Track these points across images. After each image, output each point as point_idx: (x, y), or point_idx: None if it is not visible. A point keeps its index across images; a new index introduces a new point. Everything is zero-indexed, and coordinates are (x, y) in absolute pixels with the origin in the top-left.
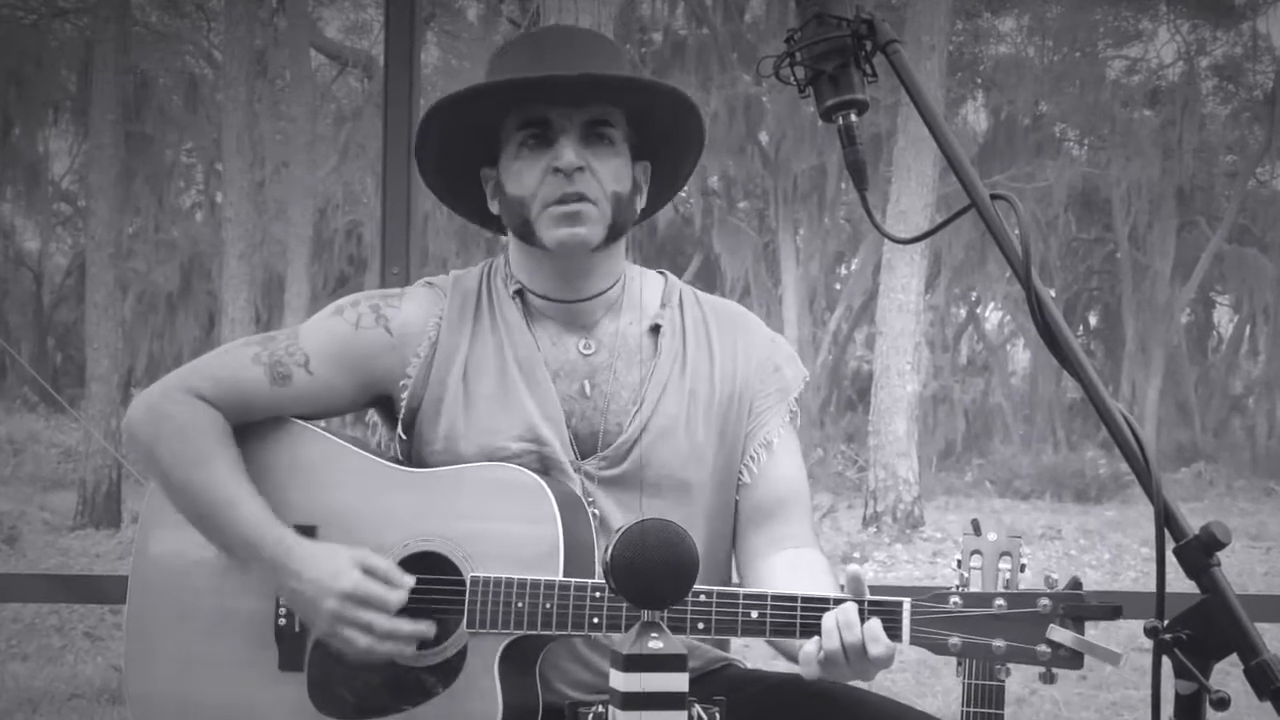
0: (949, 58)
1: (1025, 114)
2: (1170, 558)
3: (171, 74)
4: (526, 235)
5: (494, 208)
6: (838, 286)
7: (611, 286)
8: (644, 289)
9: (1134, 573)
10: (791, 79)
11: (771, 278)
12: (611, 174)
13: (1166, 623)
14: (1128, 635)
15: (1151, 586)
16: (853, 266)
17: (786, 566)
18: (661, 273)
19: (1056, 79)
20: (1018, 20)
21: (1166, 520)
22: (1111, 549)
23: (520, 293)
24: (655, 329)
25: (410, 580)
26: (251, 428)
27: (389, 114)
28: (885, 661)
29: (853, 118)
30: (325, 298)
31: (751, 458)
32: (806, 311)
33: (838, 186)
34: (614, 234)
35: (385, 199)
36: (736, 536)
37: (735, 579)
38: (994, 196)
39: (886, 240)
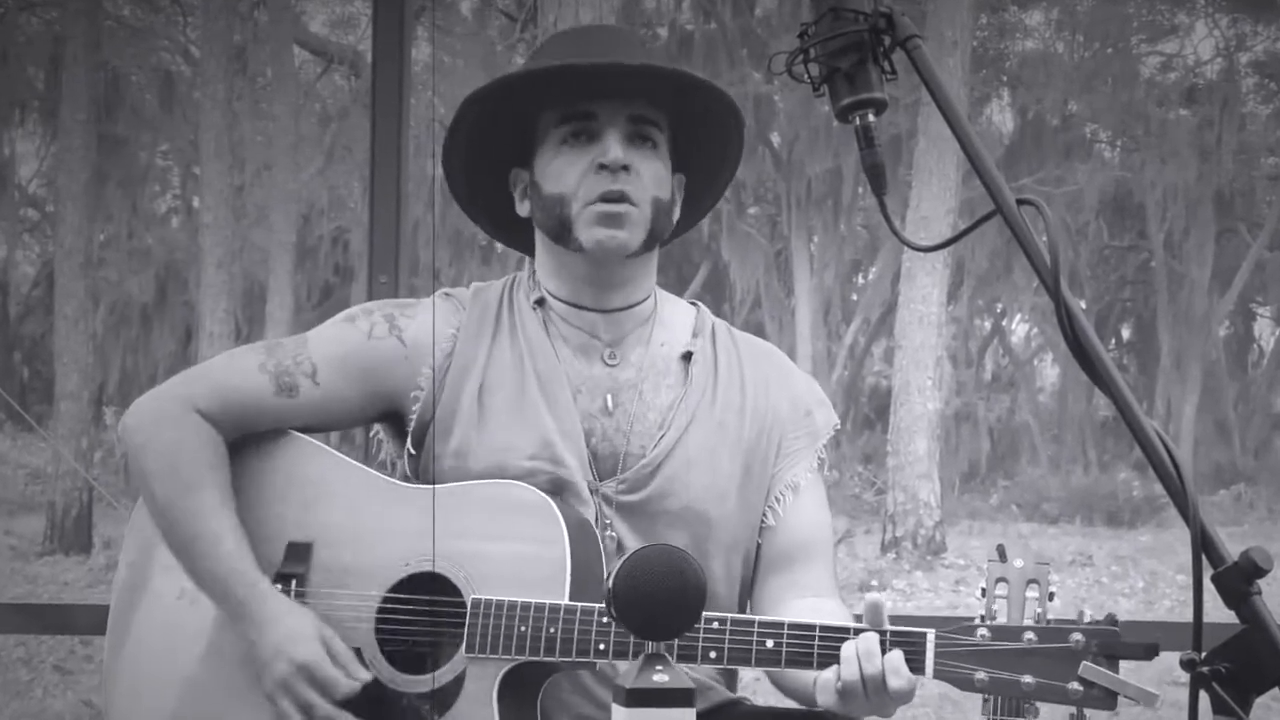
0: (973, 54)
1: (1054, 113)
2: (1208, 586)
3: (146, 71)
4: (562, 235)
5: (523, 210)
6: (854, 297)
7: (642, 301)
8: (676, 315)
9: (1169, 601)
10: (805, 76)
11: (784, 288)
12: (654, 177)
13: (1204, 655)
14: (1163, 668)
15: (1188, 616)
16: (870, 276)
17: (804, 613)
18: (693, 303)
19: (1087, 76)
20: (1046, 14)
21: (1204, 546)
22: (1145, 576)
23: (542, 302)
24: (687, 356)
25: (366, 676)
26: (249, 438)
27: (377, 114)
28: (905, 696)
29: (870, 118)
30: (309, 309)
31: (777, 499)
32: (821, 324)
33: (854, 191)
34: (651, 241)
35: (373, 204)
36: (755, 581)
37: None
38: (1020, 201)
39: (906, 248)
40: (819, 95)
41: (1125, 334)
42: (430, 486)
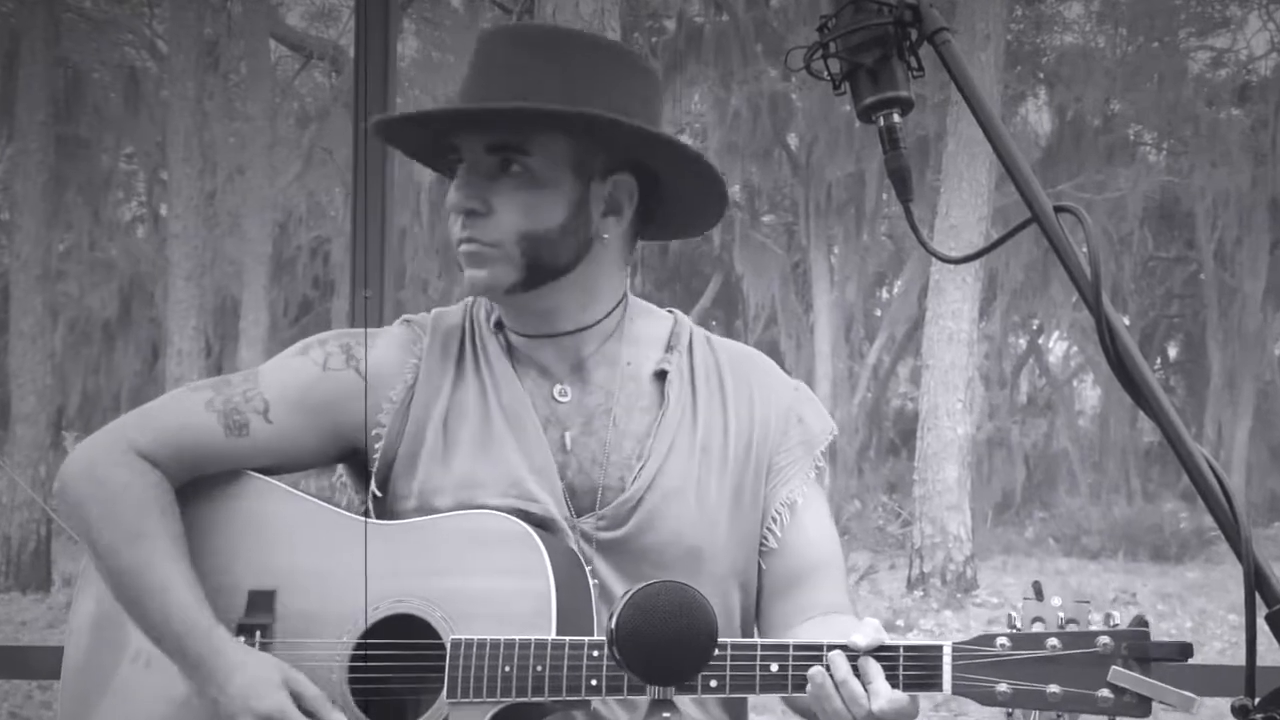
0: (1007, 48)
1: (1095, 113)
2: (1262, 626)
3: (109, 67)
4: None
5: None
6: (878, 313)
7: (600, 320)
8: (648, 329)
9: (1220, 643)
10: (825, 73)
11: (802, 303)
12: (521, 211)
13: (1258, 701)
14: (1213, 715)
15: (1240, 659)
16: (895, 290)
17: (813, 631)
18: (670, 311)
19: (1131, 73)
20: (1086, 6)
21: (1258, 582)
22: (1194, 615)
23: (501, 325)
24: (661, 375)
25: (340, 718)
26: (200, 480)
27: (360, 114)
28: (902, 716)
29: (895, 118)
30: (286, 325)
31: (774, 519)
32: (842, 342)
33: (878, 197)
34: (537, 275)
35: (356, 211)
36: (760, 607)
37: None
38: (1058, 209)
39: (934, 260)
40: (840, 94)
41: (1172, 352)
42: (397, 523)
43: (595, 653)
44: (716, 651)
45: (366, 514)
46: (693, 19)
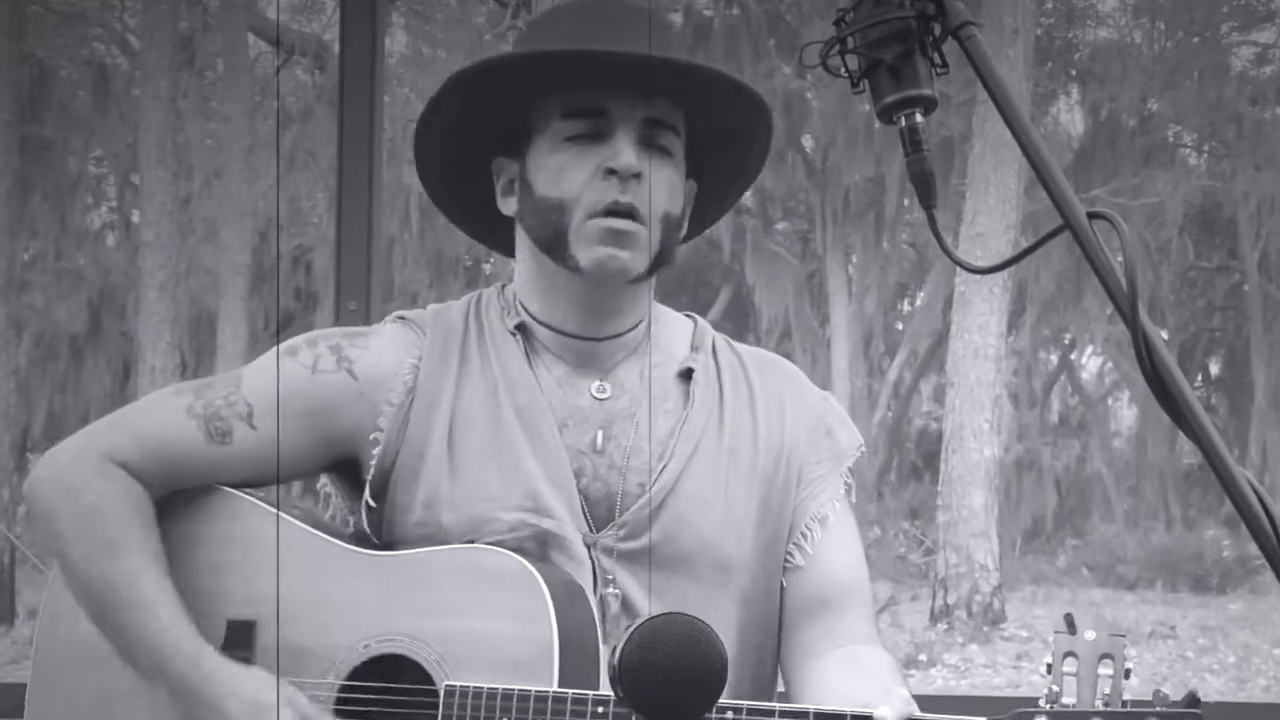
0: (1037, 44)
1: (1131, 113)
2: None
3: (77, 64)
4: (556, 248)
5: (507, 208)
6: (899, 326)
7: (635, 326)
8: (671, 331)
9: (1265, 679)
10: (842, 70)
11: (818, 315)
12: (666, 190)
13: None
14: None
15: None
16: (918, 302)
17: (842, 668)
18: (690, 316)
19: (1169, 70)
20: None
21: None
22: (1237, 650)
23: (522, 328)
24: (686, 374)
25: None
26: (179, 498)
27: (345, 114)
28: None
29: (918, 118)
30: (266, 340)
31: (803, 534)
32: (861, 357)
33: (899, 203)
34: (657, 264)
35: (340, 219)
36: (783, 631)
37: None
38: (1092, 215)
39: (960, 270)
40: (858, 92)
41: (1214, 368)
42: (390, 554)
43: (600, 709)
44: (731, 716)
45: (358, 526)
46: (701, 12)
